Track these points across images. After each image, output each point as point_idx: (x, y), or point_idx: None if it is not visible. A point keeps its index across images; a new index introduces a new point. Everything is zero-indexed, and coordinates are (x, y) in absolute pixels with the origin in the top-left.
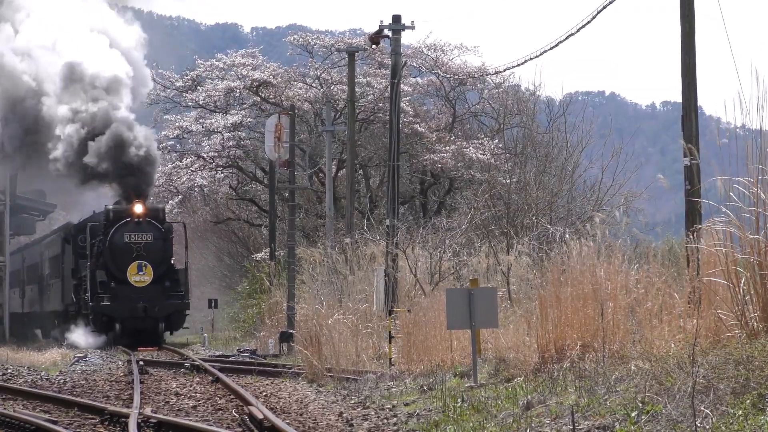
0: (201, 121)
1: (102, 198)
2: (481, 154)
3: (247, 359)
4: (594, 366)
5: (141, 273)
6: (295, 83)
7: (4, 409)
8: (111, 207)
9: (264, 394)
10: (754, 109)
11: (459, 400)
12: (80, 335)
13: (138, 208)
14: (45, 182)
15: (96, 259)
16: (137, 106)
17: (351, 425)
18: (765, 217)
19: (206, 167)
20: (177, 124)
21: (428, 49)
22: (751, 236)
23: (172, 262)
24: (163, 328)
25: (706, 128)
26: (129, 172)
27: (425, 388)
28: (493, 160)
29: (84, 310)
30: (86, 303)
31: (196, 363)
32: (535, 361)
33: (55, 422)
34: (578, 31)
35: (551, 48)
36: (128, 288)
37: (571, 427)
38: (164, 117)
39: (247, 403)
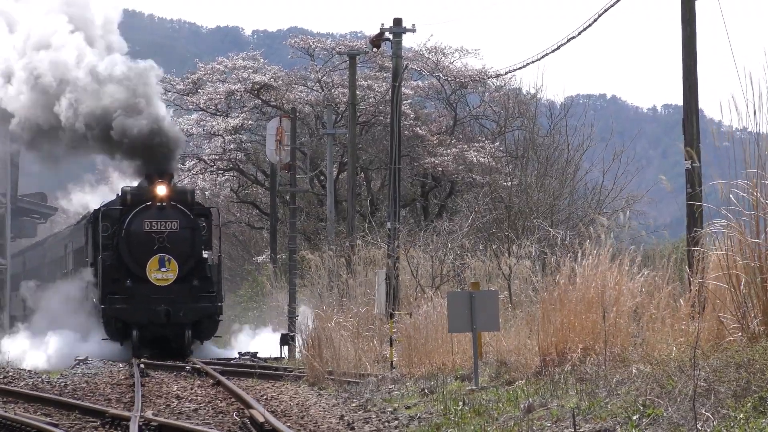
0: (202, 124)
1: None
2: (481, 157)
3: (248, 362)
4: (595, 369)
5: (163, 269)
6: (296, 86)
7: (5, 412)
8: (128, 188)
9: (265, 397)
10: (753, 113)
11: (460, 403)
12: (93, 343)
13: (161, 190)
14: (47, 182)
15: (111, 252)
16: None
17: (352, 428)
18: (765, 221)
19: (207, 170)
20: (178, 127)
21: (429, 52)
22: (751, 240)
23: (204, 255)
24: (191, 337)
25: (707, 131)
26: (150, 145)
27: (426, 391)
28: (494, 163)
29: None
30: (97, 305)
31: (197, 366)
32: (537, 364)
33: (56, 425)
34: (579, 34)
35: (552, 51)
36: (147, 287)
37: (572, 430)
38: None
39: (249, 407)
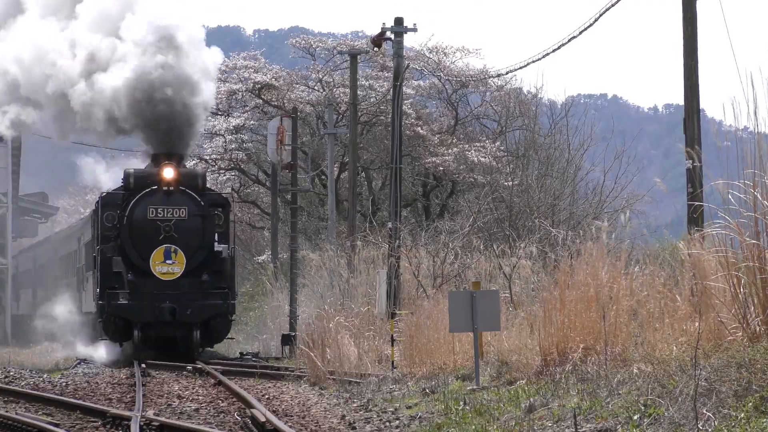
0: (203, 123)
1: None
2: (483, 157)
3: (250, 362)
4: (596, 369)
5: (169, 261)
6: (297, 86)
7: (6, 411)
8: (131, 170)
9: (266, 396)
10: (752, 112)
11: (461, 402)
12: (94, 346)
13: (168, 173)
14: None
15: (113, 242)
16: None
17: (353, 428)
18: (764, 222)
19: (208, 170)
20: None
21: (430, 52)
22: (750, 240)
23: (217, 248)
24: (199, 338)
25: (708, 131)
26: (159, 123)
27: (427, 391)
28: (495, 163)
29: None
30: (96, 301)
31: (199, 366)
32: (538, 364)
33: (57, 425)
34: (580, 33)
35: (553, 51)
36: (151, 281)
37: (573, 429)
38: None
39: (250, 406)
